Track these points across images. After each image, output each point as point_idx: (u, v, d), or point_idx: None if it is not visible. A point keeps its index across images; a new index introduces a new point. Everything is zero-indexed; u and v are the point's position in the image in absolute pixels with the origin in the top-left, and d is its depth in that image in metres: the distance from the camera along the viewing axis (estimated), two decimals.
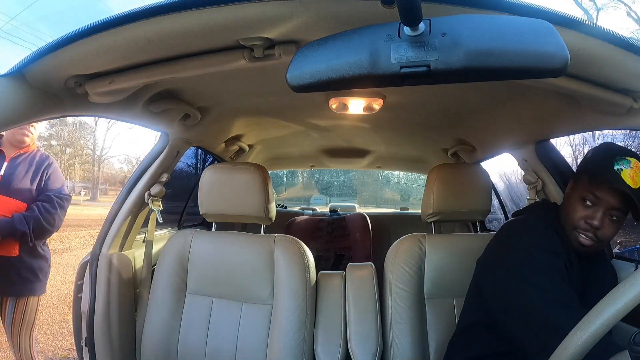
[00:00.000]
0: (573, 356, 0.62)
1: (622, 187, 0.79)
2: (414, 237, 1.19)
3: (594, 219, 0.84)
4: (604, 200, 0.84)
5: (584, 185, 0.88)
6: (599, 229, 0.84)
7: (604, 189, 0.84)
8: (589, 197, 0.86)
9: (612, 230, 0.86)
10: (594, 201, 0.85)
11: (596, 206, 0.85)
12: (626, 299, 0.59)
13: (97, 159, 24.92)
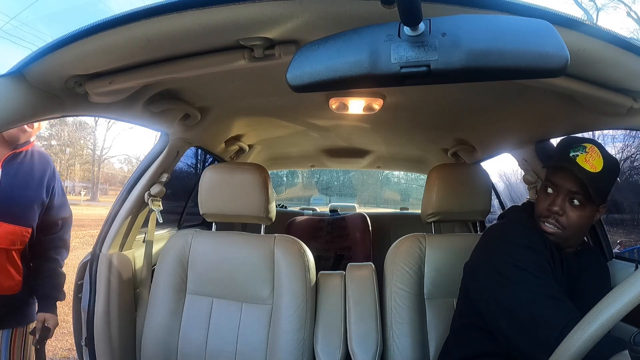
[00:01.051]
0: (573, 356, 0.62)
1: (575, 171, 0.83)
2: (414, 237, 1.19)
3: (554, 204, 0.87)
4: (562, 186, 0.87)
5: (546, 176, 0.92)
6: (560, 214, 0.87)
7: (560, 175, 0.87)
8: (549, 185, 0.90)
9: (576, 215, 0.87)
10: (554, 188, 0.89)
11: (556, 193, 0.88)
12: (626, 299, 0.59)
13: (97, 159, 24.92)
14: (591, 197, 0.84)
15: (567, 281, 0.90)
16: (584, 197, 0.85)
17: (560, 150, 0.90)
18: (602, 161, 0.84)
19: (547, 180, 0.91)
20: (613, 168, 0.87)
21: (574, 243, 0.93)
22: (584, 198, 0.85)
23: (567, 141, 0.91)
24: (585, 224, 0.89)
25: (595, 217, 0.91)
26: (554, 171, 0.90)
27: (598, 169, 0.83)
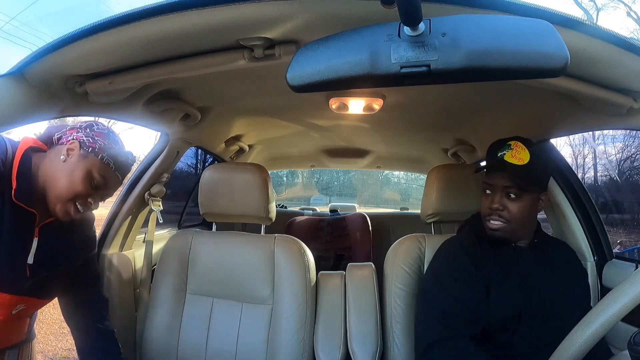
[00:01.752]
0: (574, 356, 0.62)
1: (504, 168, 0.91)
2: (414, 237, 1.19)
3: (493, 202, 0.94)
4: (496, 184, 0.94)
5: (483, 180, 0.99)
6: (501, 209, 0.93)
7: (493, 175, 0.95)
8: (486, 187, 0.97)
9: (516, 207, 0.92)
10: (490, 188, 0.96)
11: (493, 192, 0.95)
12: (626, 299, 0.59)
13: None
14: (524, 187, 0.91)
15: (520, 275, 0.93)
16: (517, 189, 0.91)
17: (490, 153, 0.97)
18: (528, 153, 0.91)
19: (484, 183, 0.98)
20: (541, 157, 0.94)
21: (523, 234, 0.98)
22: (518, 190, 0.91)
23: (494, 144, 0.98)
24: (527, 214, 0.94)
25: (540, 206, 0.96)
26: (487, 173, 0.97)
27: (525, 161, 0.90)
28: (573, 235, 1.23)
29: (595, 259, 1.21)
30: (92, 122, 0.92)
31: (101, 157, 0.87)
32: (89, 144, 0.87)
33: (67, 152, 0.86)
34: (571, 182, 1.24)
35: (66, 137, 0.89)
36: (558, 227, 1.30)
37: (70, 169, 0.85)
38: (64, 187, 0.84)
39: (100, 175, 0.87)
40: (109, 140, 0.90)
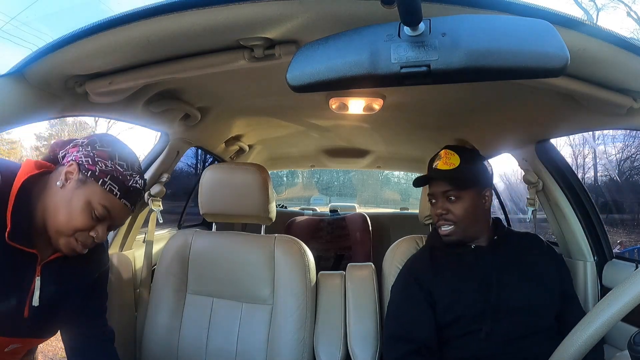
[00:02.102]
0: (573, 356, 0.62)
1: (438, 176, 1.00)
2: (412, 238, 1.20)
3: (438, 208, 1.01)
4: (436, 192, 1.02)
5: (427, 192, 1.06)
6: (445, 213, 1.00)
7: (432, 185, 1.03)
8: (430, 197, 1.05)
9: (458, 208, 0.99)
10: (433, 197, 1.03)
11: (436, 200, 1.03)
12: (626, 299, 0.59)
13: None
14: (460, 187, 0.98)
15: (480, 274, 0.97)
16: (455, 190, 0.99)
17: (427, 167, 1.06)
18: (458, 157, 0.99)
19: (428, 195, 1.05)
20: (471, 157, 1.02)
21: (477, 233, 1.02)
22: (456, 191, 0.99)
23: (430, 159, 1.06)
24: (472, 212, 1.00)
25: (485, 203, 1.03)
26: (429, 185, 1.05)
27: (456, 164, 0.99)
28: (573, 235, 1.23)
29: (595, 259, 1.21)
30: (95, 138, 0.76)
31: (102, 182, 0.72)
32: (87, 167, 0.72)
33: (65, 177, 0.72)
34: (571, 182, 1.24)
35: (67, 157, 0.75)
36: (558, 227, 1.30)
37: (68, 197, 0.71)
38: (62, 221, 0.71)
39: (102, 205, 0.73)
40: (114, 161, 0.74)
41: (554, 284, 0.99)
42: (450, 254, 1.02)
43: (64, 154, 0.76)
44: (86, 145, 0.75)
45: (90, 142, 0.75)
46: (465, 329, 0.93)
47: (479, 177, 1.01)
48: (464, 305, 0.94)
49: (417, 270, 1.02)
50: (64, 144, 0.78)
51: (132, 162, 0.78)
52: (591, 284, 1.19)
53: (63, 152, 0.77)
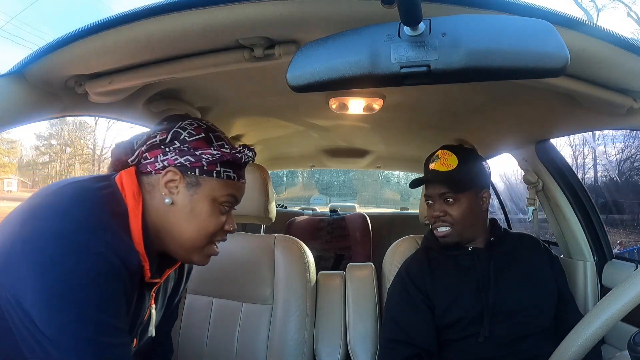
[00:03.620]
0: (573, 356, 0.62)
1: (435, 177, 0.98)
2: (412, 238, 1.20)
3: (435, 210, 1.00)
4: (433, 194, 1.00)
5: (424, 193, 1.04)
6: (443, 215, 0.98)
7: (429, 186, 1.01)
8: (427, 198, 1.03)
9: (456, 210, 0.98)
10: (430, 199, 1.02)
11: (432, 201, 1.01)
12: (626, 299, 0.59)
13: (97, 158, 24.93)
14: (458, 189, 0.96)
15: (477, 276, 0.96)
16: (453, 192, 0.97)
17: (424, 168, 1.04)
18: (456, 158, 0.98)
19: (425, 196, 1.04)
20: (469, 158, 1.01)
21: (474, 235, 1.01)
22: (453, 193, 0.97)
23: (426, 158, 1.05)
24: (470, 214, 0.98)
25: (483, 204, 1.02)
26: (425, 186, 1.03)
27: (454, 165, 0.97)
28: (573, 235, 1.23)
29: (595, 259, 1.21)
30: (176, 129, 0.65)
31: (216, 174, 0.64)
32: (191, 166, 0.63)
33: (168, 189, 0.63)
34: (571, 182, 1.24)
35: (152, 165, 0.64)
36: (558, 227, 1.30)
37: (186, 209, 0.63)
38: (193, 235, 0.64)
39: (226, 195, 0.65)
40: (213, 144, 0.64)
41: (551, 284, 0.99)
42: (447, 256, 1.01)
43: (136, 161, 0.65)
44: (171, 142, 0.64)
45: (173, 135, 0.64)
46: (463, 332, 0.93)
47: (477, 179, 1.00)
48: (462, 307, 0.93)
49: (413, 273, 1.02)
50: (130, 150, 0.67)
51: (223, 134, 0.68)
52: (591, 284, 1.19)
53: (134, 159, 0.65)
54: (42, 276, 0.51)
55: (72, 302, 0.51)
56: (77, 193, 0.58)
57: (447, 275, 0.98)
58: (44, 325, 0.50)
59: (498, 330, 0.91)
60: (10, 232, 0.54)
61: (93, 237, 0.54)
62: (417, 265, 1.03)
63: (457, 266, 0.99)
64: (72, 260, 0.52)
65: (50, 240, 0.52)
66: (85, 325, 0.52)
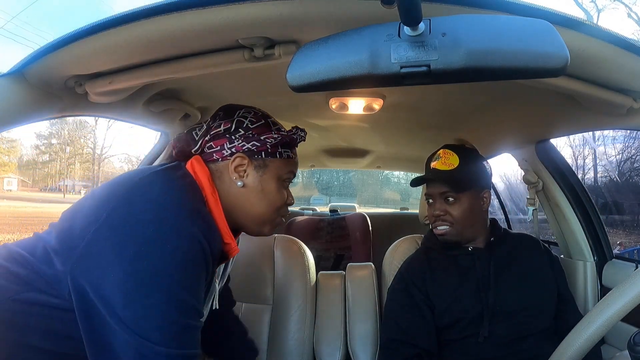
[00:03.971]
0: (573, 356, 0.62)
1: (436, 176, 0.98)
2: (412, 238, 1.20)
3: (435, 209, 1.00)
4: (434, 193, 1.00)
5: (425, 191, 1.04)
6: (444, 214, 0.98)
7: (430, 185, 1.01)
8: (427, 197, 1.03)
9: (456, 209, 0.98)
10: (430, 197, 1.02)
11: (433, 200, 1.01)
12: (626, 299, 0.59)
13: (97, 157, 24.94)
14: (459, 189, 0.96)
15: (477, 276, 0.96)
16: (453, 192, 0.97)
17: (425, 166, 1.04)
18: (457, 157, 0.98)
19: (425, 194, 1.04)
20: (470, 158, 1.01)
21: (474, 235, 1.01)
22: (454, 193, 0.97)
23: (428, 157, 1.05)
24: (470, 214, 0.98)
25: (483, 204, 1.01)
26: (426, 185, 1.03)
27: (455, 165, 0.97)
28: (573, 235, 1.23)
29: (595, 259, 1.21)
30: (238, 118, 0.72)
31: (279, 154, 0.72)
32: (257, 150, 0.70)
33: (238, 173, 0.70)
34: (571, 183, 1.24)
35: (219, 153, 0.70)
36: (558, 227, 1.30)
37: (257, 189, 0.71)
38: (264, 210, 0.72)
39: (287, 172, 0.74)
40: (272, 128, 0.72)
41: (551, 284, 0.99)
42: (447, 256, 1.01)
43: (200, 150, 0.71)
44: (235, 130, 0.70)
45: (237, 124, 0.70)
46: (463, 332, 0.93)
47: (477, 179, 1.00)
48: (462, 307, 0.93)
49: (414, 273, 1.02)
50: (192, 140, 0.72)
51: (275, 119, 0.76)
52: (591, 284, 1.19)
53: (197, 149, 0.71)
54: (133, 260, 0.54)
55: (163, 284, 0.54)
56: (165, 182, 0.63)
57: (447, 275, 0.98)
58: (126, 308, 0.53)
59: (498, 331, 0.91)
60: (87, 223, 0.57)
61: (189, 222, 0.59)
62: (417, 265, 1.03)
63: (457, 266, 0.99)
64: (171, 244, 0.56)
65: (146, 226, 0.56)
66: (173, 306, 0.55)
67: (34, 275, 0.58)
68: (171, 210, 0.58)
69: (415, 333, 0.94)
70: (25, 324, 0.57)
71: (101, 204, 0.59)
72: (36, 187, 25.18)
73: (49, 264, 0.58)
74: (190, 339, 0.59)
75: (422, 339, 0.93)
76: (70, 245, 0.57)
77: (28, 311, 0.57)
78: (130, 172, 0.66)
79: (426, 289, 0.97)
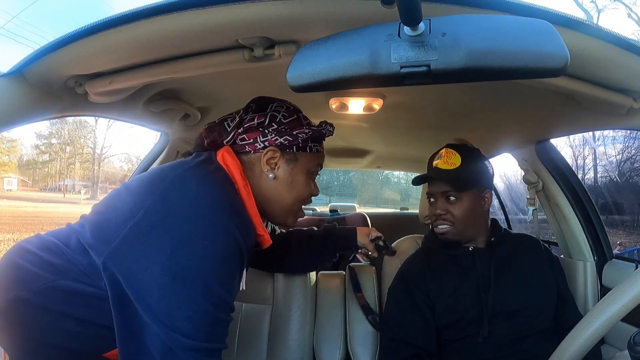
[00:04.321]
0: (573, 356, 0.62)
1: (438, 175, 0.98)
2: (412, 238, 1.20)
3: (437, 208, 1.00)
4: (435, 192, 1.00)
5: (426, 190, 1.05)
6: (445, 214, 0.98)
7: (431, 184, 1.02)
8: (429, 196, 1.03)
9: (457, 209, 0.97)
10: (432, 196, 1.02)
11: (434, 199, 1.01)
12: (626, 299, 0.59)
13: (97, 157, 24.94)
14: (460, 188, 0.96)
15: (477, 277, 0.96)
16: (455, 191, 0.97)
17: (427, 165, 1.04)
18: (459, 157, 0.97)
19: (427, 193, 1.04)
20: (473, 158, 1.00)
21: (474, 234, 1.01)
22: (456, 192, 0.97)
23: (431, 156, 1.05)
24: (471, 213, 0.98)
25: (485, 204, 1.02)
26: (428, 184, 1.03)
27: (457, 164, 0.97)
28: (573, 235, 1.23)
29: (595, 259, 1.21)
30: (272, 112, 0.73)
31: (309, 149, 0.74)
32: (289, 144, 0.72)
33: (269, 165, 0.72)
34: (571, 183, 1.24)
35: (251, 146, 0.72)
36: (558, 227, 1.30)
37: (287, 181, 0.73)
38: (291, 201, 0.75)
39: (318, 164, 0.77)
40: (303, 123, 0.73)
41: (550, 285, 0.99)
42: (448, 256, 1.01)
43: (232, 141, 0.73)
44: (269, 125, 0.71)
45: (270, 117, 0.72)
46: (463, 332, 0.93)
47: (480, 179, 1.00)
48: (462, 308, 0.93)
49: (414, 273, 1.02)
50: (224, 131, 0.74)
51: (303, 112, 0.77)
52: (591, 284, 1.19)
53: (230, 140, 0.73)
54: (170, 255, 0.56)
55: (199, 278, 0.57)
56: (200, 178, 0.65)
57: (448, 275, 0.98)
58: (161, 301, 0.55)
59: (498, 331, 0.91)
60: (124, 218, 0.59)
61: (225, 218, 0.61)
62: (418, 265, 1.03)
63: (458, 266, 0.99)
64: (208, 239, 0.58)
65: (183, 222, 0.58)
66: (206, 299, 0.57)
67: (69, 264, 0.60)
68: (207, 206, 0.60)
69: (415, 333, 0.94)
70: (61, 310, 0.59)
71: (137, 200, 0.61)
72: (36, 187, 25.19)
73: (84, 254, 0.60)
74: (219, 332, 0.62)
75: (422, 339, 0.93)
76: (105, 238, 0.59)
77: (63, 298, 0.58)
78: (164, 168, 0.68)
79: (426, 289, 0.97)
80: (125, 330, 0.57)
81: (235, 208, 0.65)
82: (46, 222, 9.64)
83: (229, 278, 0.62)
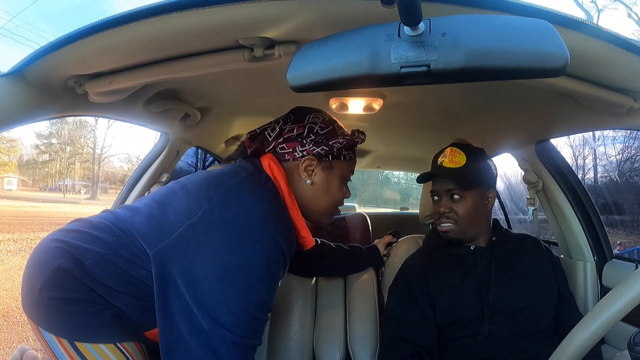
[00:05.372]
0: (573, 356, 0.62)
1: (443, 173, 0.98)
2: (412, 238, 1.20)
3: (441, 207, 1.00)
4: (440, 190, 1.00)
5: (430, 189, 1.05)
6: (448, 212, 0.99)
7: (436, 182, 1.02)
8: (433, 194, 1.03)
9: (461, 207, 0.98)
10: (436, 194, 1.02)
11: (438, 197, 1.01)
12: (626, 299, 0.59)
13: (97, 157, 24.95)
14: (465, 187, 0.97)
15: (478, 276, 0.96)
16: (459, 189, 0.97)
17: (432, 163, 1.04)
18: (464, 155, 0.98)
19: (431, 191, 1.04)
20: (477, 157, 1.01)
21: (477, 233, 1.01)
22: (460, 191, 0.97)
23: (435, 154, 1.05)
24: (474, 212, 0.98)
25: (488, 204, 1.02)
26: (432, 182, 1.03)
27: (462, 163, 0.97)
28: (573, 235, 1.23)
29: (595, 259, 1.21)
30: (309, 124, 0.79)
31: (343, 157, 0.80)
32: (325, 153, 0.78)
33: (307, 172, 0.79)
34: (571, 183, 1.24)
35: (290, 154, 0.78)
36: (558, 227, 1.30)
37: (323, 186, 0.80)
38: (327, 205, 0.82)
39: (349, 172, 0.84)
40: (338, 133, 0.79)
41: (551, 285, 0.99)
42: (449, 255, 1.01)
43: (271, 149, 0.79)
44: (307, 135, 0.78)
45: (308, 128, 0.78)
46: (463, 331, 0.93)
47: (483, 178, 1.00)
48: (463, 307, 0.93)
49: (415, 272, 1.02)
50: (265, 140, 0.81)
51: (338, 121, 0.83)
52: (591, 284, 1.19)
53: (271, 149, 0.80)
54: (224, 254, 0.62)
55: (246, 277, 0.62)
56: (254, 189, 0.71)
57: (449, 274, 0.98)
58: (209, 293, 0.61)
59: (498, 330, 0.91)
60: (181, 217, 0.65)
61: (274, 227, 0.67)
62: (419, 264, 1.03)
63: (459, 265, 0.99)
64: (259, 245, 0.64)
65: (238, 228, 0.64)
66: (249, 297, 0.63)
67: (120, 244, 0.64)
68: (258, 217, 0.67)
69: (416, 332, 0.94)
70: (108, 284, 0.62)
71: (195, 201, 0.67)
72: (36, 187, 25.20)
73: (134, 240, 0.64)
74: (256, 330, 0.66)
75: (423, 338, 0.93)
76: (162, 232, 0.64)
77: (113, 271, 0.63)
78: (220, 176, 0.73)
79: (427, 287, 0.98)
80: (164, 318, 0.61)
81: (282, 218, 0.72)
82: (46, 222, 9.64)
83: (272, 281, 0.67)
